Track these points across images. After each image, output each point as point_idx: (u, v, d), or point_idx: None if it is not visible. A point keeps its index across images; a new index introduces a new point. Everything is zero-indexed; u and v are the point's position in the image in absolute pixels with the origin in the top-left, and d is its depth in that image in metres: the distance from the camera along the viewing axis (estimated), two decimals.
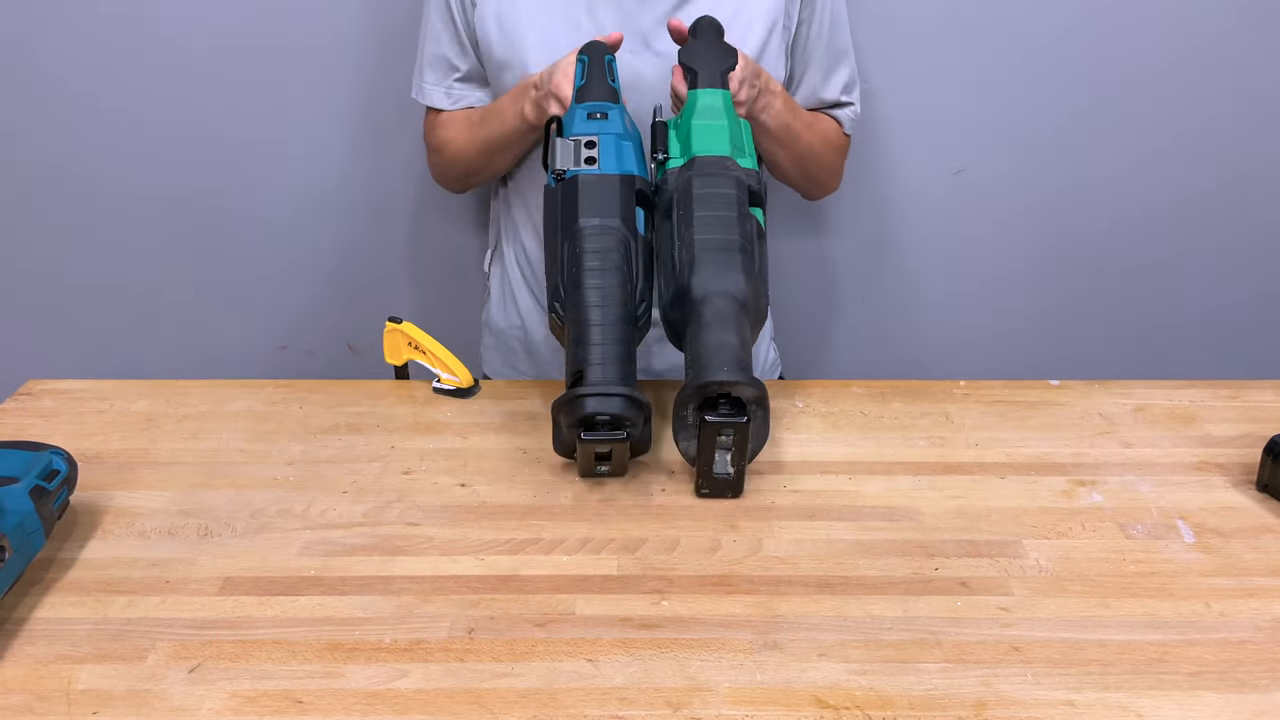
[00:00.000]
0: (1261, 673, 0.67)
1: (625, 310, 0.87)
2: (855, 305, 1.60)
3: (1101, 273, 1.57)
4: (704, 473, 0.84)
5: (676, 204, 0.91)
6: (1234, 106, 1.46)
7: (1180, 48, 1.42)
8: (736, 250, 0.87)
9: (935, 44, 1.40)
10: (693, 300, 0.86)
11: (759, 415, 0.83)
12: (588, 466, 0.87)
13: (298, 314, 1.59)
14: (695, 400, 0.82)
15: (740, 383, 0.81)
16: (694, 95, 0.97)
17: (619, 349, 0.85)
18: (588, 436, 0.83)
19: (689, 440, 0.84)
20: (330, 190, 1.50)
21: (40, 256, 1.54)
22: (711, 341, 0.83)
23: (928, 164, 1.47)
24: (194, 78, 1.42)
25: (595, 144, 0.94)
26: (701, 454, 0.83)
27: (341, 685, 0.65)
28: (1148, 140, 1.47)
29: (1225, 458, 0.91)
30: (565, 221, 0.91)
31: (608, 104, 0.96)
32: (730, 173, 0.91)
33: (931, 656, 0.68)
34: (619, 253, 0.89)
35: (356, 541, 0.79)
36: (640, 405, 0.84)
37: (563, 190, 0.93)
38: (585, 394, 0.82)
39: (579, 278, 0.88)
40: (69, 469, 0.78)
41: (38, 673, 0.66)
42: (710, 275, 0.86)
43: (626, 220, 0.91)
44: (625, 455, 0.86)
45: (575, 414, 0.83)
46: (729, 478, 0.84)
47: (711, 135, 0.94)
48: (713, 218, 0.88)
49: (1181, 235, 1.54)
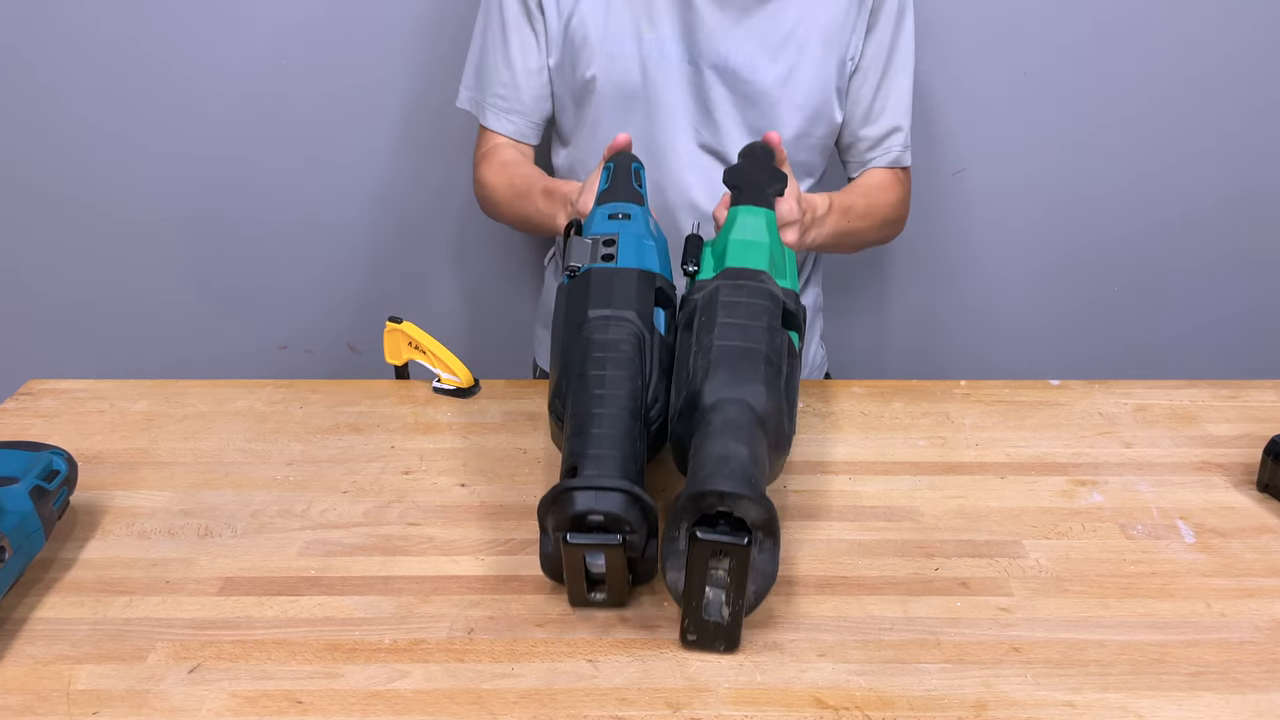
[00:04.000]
0: (1261, 673, 0.67)
1: (633, 404, 0.75)
2: (855, 305, 1.59)
3: (1102, 272, 1.57)
4: (691, 612, 0.67)
5: (699, 311, 0.79)
6: (1237, 110, 1.46)
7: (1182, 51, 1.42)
8: (760, 360, 0.74)
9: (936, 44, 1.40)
10: (702, 408, 0.73)
11: (766, 546, 0.67)
12: (577, 588, 0.70)
13: (298, 314, 1.59)
14: (688, 517, 0.66)
15: (744, 497, 0.65)
16: (735, 211, 0.88)
17: (623, 444, 0.72)
18: (574, 539, 0.67)
19: (678, 570, 0.67)
20: (330, 190, 1.50)
21: (40, 257, 1.54)
22: (717, 451, 0.68)
23: (928, 164, 1.47)
24: (193, 80, 1.42)
25: (614, 242, 0.85)
26: (689, 585, 0.66)
27: (341, 685, 0.65)
28: (1149, 141, 1.47)
29: (1225, 458, 0.91)
30: (573, 314, 0.81)
31: (631, 205, 0.89)
32: (764, 285, 0.80)
33: (931, 657, 0.68)
34: (630, 344, 0.78)
35: (356, 541, 0.79)
36: (644, 508, 0.69)
37: (573, 285, 0.83)
38: (574, 487, 0.68)
39: (583, 368, 0.77)
40: (69, 469, 0.78)
41: (37, 673, 0.66)
42: (725, 381, 0.73)
43: (642, 315, 0.80)
44: (623, 574, 0.70)
45: (562, 512, 0.68)
46: (722, 623, 0.67)
47: (750, 252, 0.84)
48: (737, 325, 0.77)
49: (1182, 235, 1.54)
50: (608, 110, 1.14)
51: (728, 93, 1.13)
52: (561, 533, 0.68)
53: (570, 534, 0.68)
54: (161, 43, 1.40)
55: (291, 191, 1.50)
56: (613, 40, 1.12)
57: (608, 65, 1.12)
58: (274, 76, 1.42)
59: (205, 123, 1.45)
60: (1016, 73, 1.43)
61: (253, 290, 1.57)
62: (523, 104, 1.17)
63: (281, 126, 1.45)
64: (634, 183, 0.93)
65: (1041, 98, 1.44)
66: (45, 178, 1.48)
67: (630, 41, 1.12)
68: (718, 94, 1.13)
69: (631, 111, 1.14)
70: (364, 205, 1.51)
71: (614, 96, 1.14)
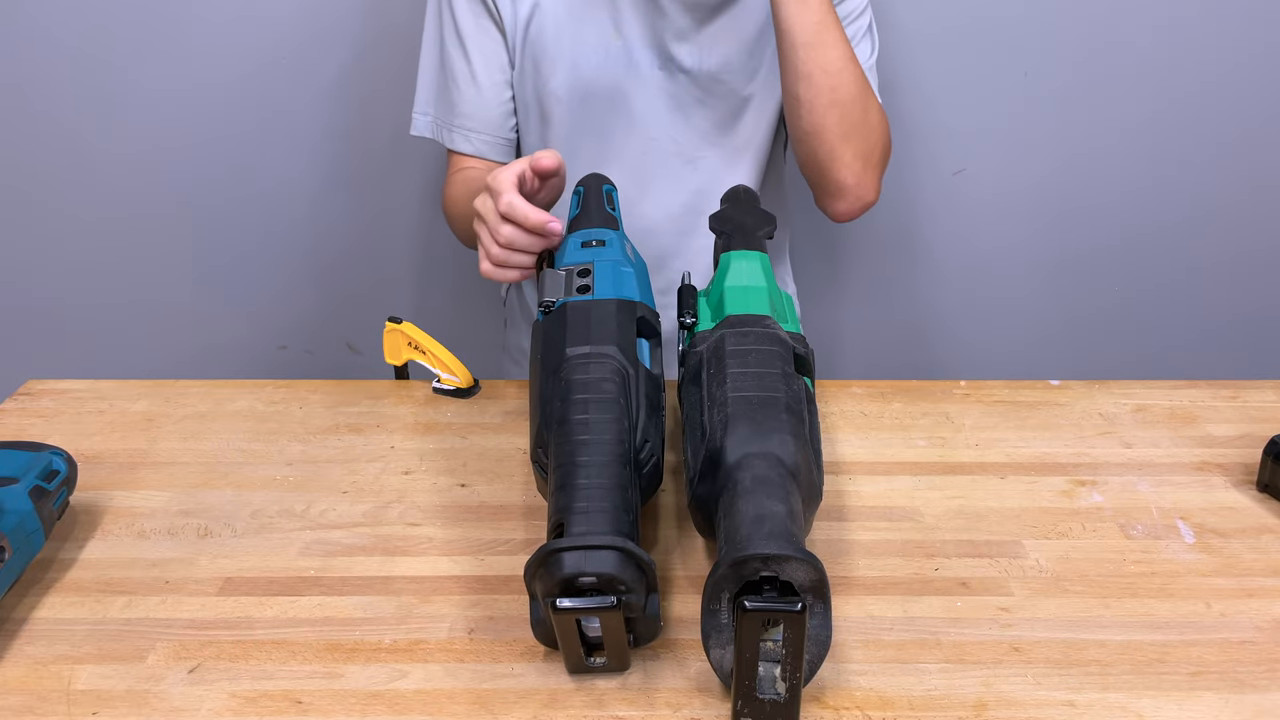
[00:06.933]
0: (1261, 673, 0.67)
1: (621, 449, 0.69)
2: (854, 305, 1.60)
3: (1102, 272, 1.57)
4: (743, 692, 0.60)
5: (706, 363, 0.74)
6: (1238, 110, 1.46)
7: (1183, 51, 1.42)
8: (780, 409, 0.69)
9: (936, 44, 1.40)
10: (726, 466, 0.67)
11: (818, 610, 0.60)
12: (573, 656, 0.64)
13: (298, 314, 1.59)
14: (730, 585, 0.60)
15: (791, 558, 0.59)
16: (727, 258, 0.84)
17: (612, 494, 0.66)
18: (564, 604, 0.61)
19: (723, 646, 0.61)
20: (331, 190, 1.50)
21: (40, 257, 1.54)
22: (751, 512, 0.63)
23: (928, 164, 1.47)
24: (195, 79, 1.42)
25: (590, 271, 0.81)
26: (740, 663, 0.59)
27: (341, 685, 0.65)
28: (1149, 142, 1.47)
29: (1225, 458, 0.91)
30: (549, 354, 0.76)
31: (605, 230, 0.85)
32: (770, 330, 0.76)
33: (931, 656, 0.68)
34: (614, 383, 0.72)
35: (356, 541, 0.79)
36: (640, 565, 0.63)
37: (548, 322, 0.78)
38: (561, 548, 0.62)
39: (564, 413, 0.71)
40: (69, 469, 0.78)
41: (37, 673, 0.66)
42: (747, 435, 0.68)
43: (624, 349, 0.75)
44: (623, 637, 0.63)
45: (550, 576, 0.62)
46: (780, 700, 0.60)
47: (749, 297, 0.79)
48: (750, 374, 0.72)
49: (1182, 235, 1.54)
50: (577, 121, 1.08)
51: (703, 95, 1.08)
52: (550, 599, 0.61)
53: (559, 600, 0.61)
54: (162, 43, 1.40)
55: (291, 191, 1.50)
56: (578, 47, 1.06)
57: (572, 73, 1.06)
58: (274, 77, 1.42)
59: (205, 123, 1.45)
60: (1016, 73, 1.43)
61: (253, 290, 1.57)
62: (490, 120, 1.10)
63: (282, 127, 1.45)
64: (606, 206, 0.88)
65: (1041, 98, 1.44)
66: (45, 178, 1.48)
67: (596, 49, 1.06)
68: (691, 97, 1.08)
69: (603, 121, 1.09)
70: (364, 205, 1.51)
71: (582, 106, 1.08)
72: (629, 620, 0.64)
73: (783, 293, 0.84)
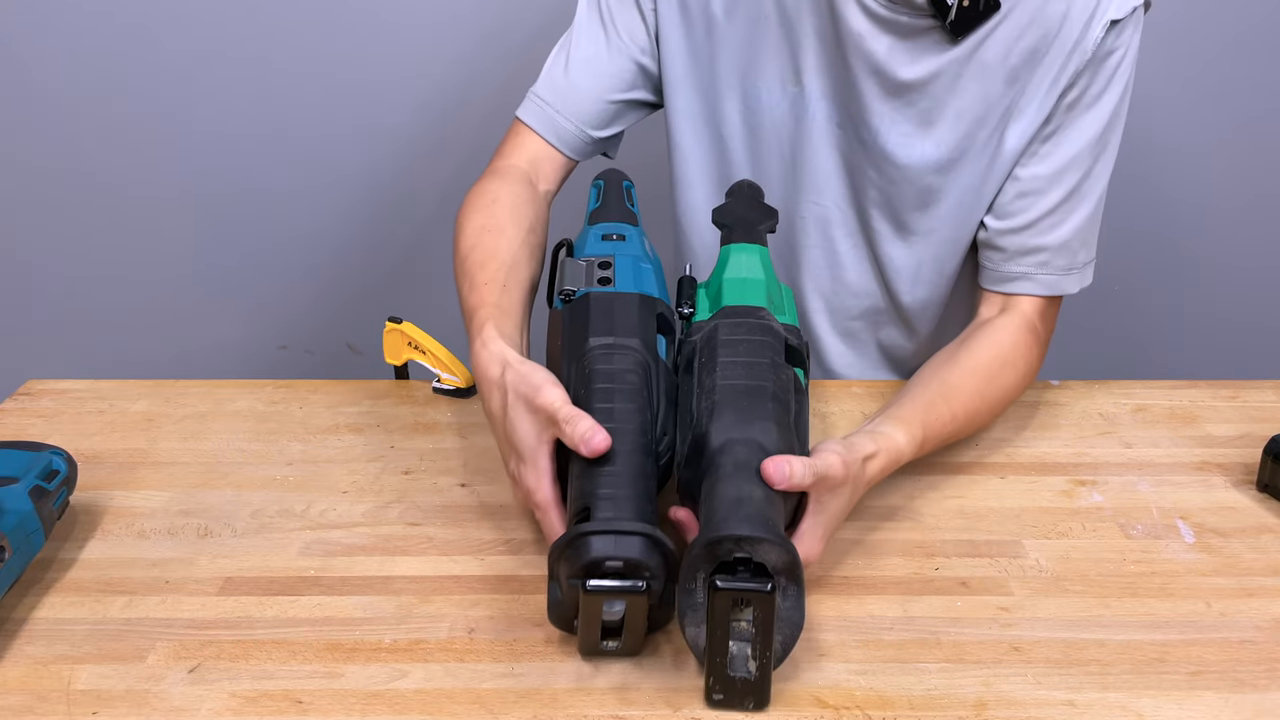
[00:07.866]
0: (1261, 673, 0.67)
1: (644, 439, 0.70)
2: None
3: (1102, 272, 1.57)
4: (715, 669, 0.62)
5: (699, 352, 0.76)
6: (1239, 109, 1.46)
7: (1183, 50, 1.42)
8: (767, 398, 0.70)
9: None
10: (710, 451, 0.68)
11: (791, 592, 0.62)
12: (590, 637, 0.65)
13: (298, 314, 1.59)
14: (705, 565, 0.61)
15: (764, 540, 0.61)
16: (726, 250, 0.84)
17: (637, 482, 0.67)
18: (594, 585, 0.62)
19: (697, 625, 0.63)
20: (331, 190, 1.50)
21: (40, 257, 1.54)
22: (729, 494, 0.64)
23: None
24: (195, 78, 1.42)
25: (610, 264, 0.81)
26: (712, 640, 0.61)
27: (341, 685, 0.65)
28: (1150, 141, 1.47)
29: (1225, 458, 0.91)
30: (572, 343, 0.76)
31: (625, 225, 0.86)
32: (764, 321, 0.77)
33: (931, 656, 0.68)
34: (637, 375, 0.73)
35: (356, 541, 0.79)
36: (664, 552, 0.64)
37: (570, 310, 0.79)
38: (590, 531, 0.63)
39: (587, 401, 0.71)
40: (69, 469, 0.78)
41: (37, 673, 0.66)
42: (732, 421, 0.69)
43: (646, 342, 0.75)
44: (642, 623, 0.65)
45: (578, 559, 0.63)
46: (750, 678, 0.62)
47: (746, 289, 0.80)
48: (740, 363, 0.73)
49: (1182, 235, 1.54)
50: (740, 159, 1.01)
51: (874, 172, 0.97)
52: (578, 580, 0.62)
53: (590, 580, 0.62)
54: (162, 43, 1.40)
55: (292, 191, 1.50)
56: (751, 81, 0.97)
57: (740, 109, 0.96)
58: (275, 77, 1.42)
59: (205, 123, 1.45)
60: None
61: (253, 290, 1.57)
62: (580, 93, 0.97)
63: (282, 127, 1.45)
64: (626, 201, 0.88)
65: None
66: (44, 178, 1.48)
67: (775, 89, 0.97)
68: (865, 165, 0.97)
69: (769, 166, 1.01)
70: (365, 205, 1.51)
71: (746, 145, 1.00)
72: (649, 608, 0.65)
73: (783, 286, 0.85)
